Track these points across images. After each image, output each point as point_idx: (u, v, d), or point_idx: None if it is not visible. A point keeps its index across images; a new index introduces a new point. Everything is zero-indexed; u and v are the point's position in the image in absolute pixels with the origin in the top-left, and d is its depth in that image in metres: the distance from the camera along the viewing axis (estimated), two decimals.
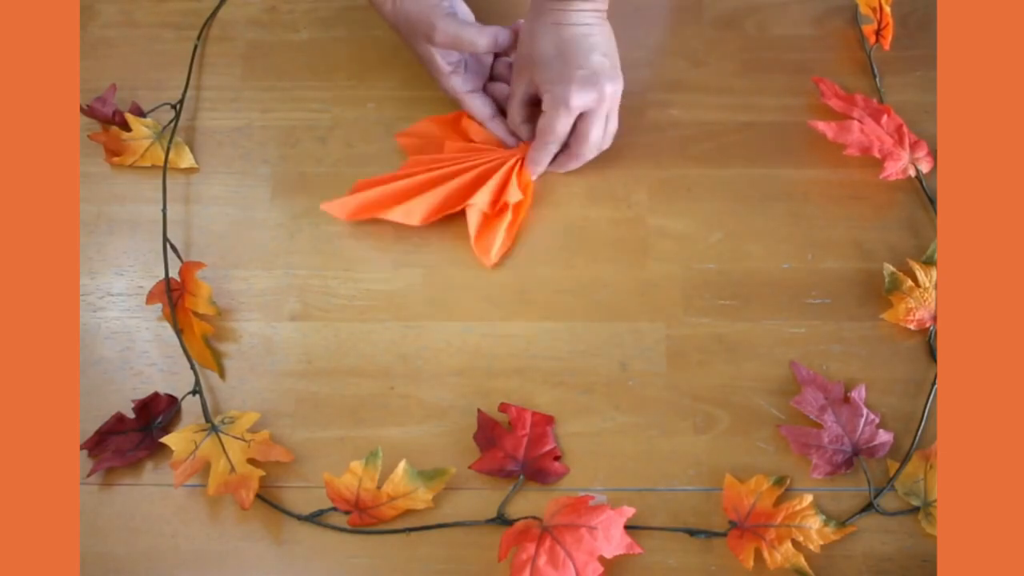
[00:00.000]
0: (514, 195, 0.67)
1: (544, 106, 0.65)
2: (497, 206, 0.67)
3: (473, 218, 0.67)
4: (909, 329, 0.64)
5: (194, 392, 0.63)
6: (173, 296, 0.66)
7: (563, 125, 0.65)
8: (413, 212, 0.66)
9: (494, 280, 0.67)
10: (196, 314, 0.65)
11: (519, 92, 0.68)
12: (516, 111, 0.69)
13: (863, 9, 0.75)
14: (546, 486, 0.60)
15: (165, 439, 0.60)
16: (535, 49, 0.65)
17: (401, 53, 0.74)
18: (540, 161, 0.68)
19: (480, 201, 0.66)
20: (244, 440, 0.60)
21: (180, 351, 0.65)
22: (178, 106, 0.74)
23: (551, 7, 0.65)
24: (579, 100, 0.64)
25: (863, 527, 0.59)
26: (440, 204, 0.67)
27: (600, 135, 0.67)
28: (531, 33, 0.66)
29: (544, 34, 0.65)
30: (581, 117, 0.66)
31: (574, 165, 0.69)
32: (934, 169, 0.70)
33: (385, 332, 0.66)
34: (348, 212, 0.67)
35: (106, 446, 0.62)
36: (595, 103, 0.64)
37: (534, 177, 0.69)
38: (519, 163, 0.68)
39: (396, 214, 0.66)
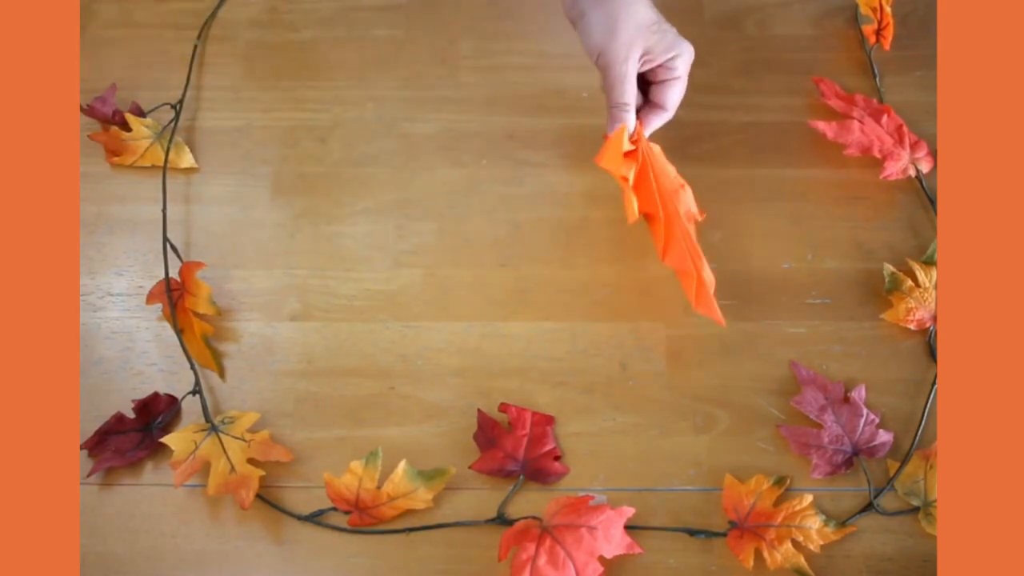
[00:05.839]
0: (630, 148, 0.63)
1: (680, 72, 0.63)
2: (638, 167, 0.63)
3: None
4: (909, 329, 0.64)
5: (194, 392, 0.63)
6: (173, 296, 0.66)
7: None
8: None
9: (494, 280, 0.67)
10: (196, 314, 0.65)
11: (630, 72, 0.61)
12: (632, 94, 0.62)
13: (863, 9, 0.75)
14: (546, 486, 0.60)
15: (165, 439, 0.60)
16: (636, 20, 0.61)
17: (401, 53, 0.75)
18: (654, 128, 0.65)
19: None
20: (244, 440, 0.60)
21: (180, 351, 0.65)
22: (178, 106, 0.74)
23: None
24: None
25: (863, 527, 0.59)
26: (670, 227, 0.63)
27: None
28: (610, 16, 0.61)
29: (633, 10, 0.61)
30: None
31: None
32: (934, 169, 0.70)
33: (385, 332, 0.66)
34: (712, 306, 0.63)
35: (106, 446, 0.62)
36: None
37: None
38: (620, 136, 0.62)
39: (704, 268, 0.63)
